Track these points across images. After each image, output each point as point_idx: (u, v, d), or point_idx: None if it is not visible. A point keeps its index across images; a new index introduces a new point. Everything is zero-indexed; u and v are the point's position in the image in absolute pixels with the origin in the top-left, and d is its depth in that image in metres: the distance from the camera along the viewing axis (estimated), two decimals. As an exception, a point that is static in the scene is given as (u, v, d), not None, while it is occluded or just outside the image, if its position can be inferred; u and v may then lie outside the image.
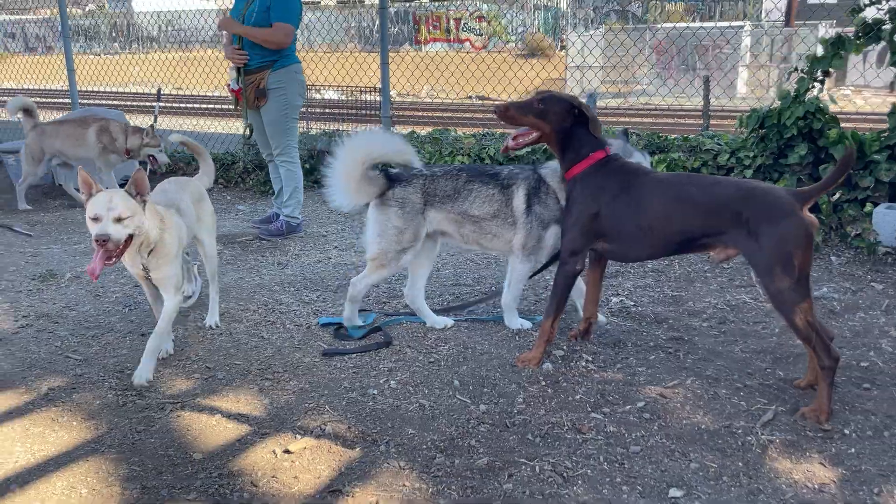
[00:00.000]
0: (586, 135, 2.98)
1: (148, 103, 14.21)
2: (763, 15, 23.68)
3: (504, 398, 2.88)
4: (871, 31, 4.91)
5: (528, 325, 3.53)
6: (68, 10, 9.24)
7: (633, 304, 3.85)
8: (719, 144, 5.43)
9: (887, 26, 4.83)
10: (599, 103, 18.19)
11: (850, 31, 5.02)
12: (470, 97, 19.28)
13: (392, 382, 3.03)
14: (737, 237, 2.70)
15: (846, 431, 2.59)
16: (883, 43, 4.87)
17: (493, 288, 4.09)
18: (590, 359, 3.19)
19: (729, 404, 2.80)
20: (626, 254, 3.09)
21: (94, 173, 6.44)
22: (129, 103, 14.55)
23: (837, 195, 4.84)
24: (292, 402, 2.90)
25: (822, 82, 5.05)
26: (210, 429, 2.69)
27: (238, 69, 5.01)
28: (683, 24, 23.26)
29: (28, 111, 6.36)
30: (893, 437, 2.55)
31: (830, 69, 5.01)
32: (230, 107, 6.37)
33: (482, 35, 29.74)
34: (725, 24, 21.90)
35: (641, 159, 3.32)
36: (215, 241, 3.76)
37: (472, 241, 3.46)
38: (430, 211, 3.41)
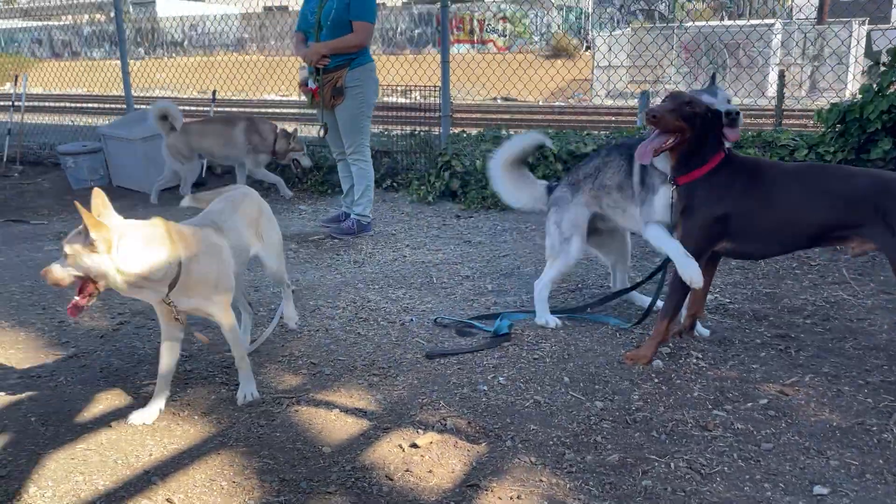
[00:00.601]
0: (713, 137, 2.90)
1: (186, 107, 14.44)
2: (794, 12, 23.35)
3: (619, 395, 2.84)
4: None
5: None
6: (93, 16, 9.35)
7: (728, 301, 3.79)
8: (795, 140, 5.34)
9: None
10: (627, 103, 18.12)
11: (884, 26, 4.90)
12: (496, 99, 19.26)
13: (500, 378, 3.00)
14: (874, 231, 2.64)
15: None
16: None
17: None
18: (699, 356, 3.14)
19: (855, 401, 2.73)
20: (752, 251, 3.00)
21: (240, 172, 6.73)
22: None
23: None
24: (405, 397, 2.88)
25: (906, 75, 4.95)
26: (331, 423, 2.68)
27: (315, 69, 5.01)
28: (713, 23, 23.06)
29: (165, 116, 6.50)
30: None
31: (914, 62, 4.90)
32: (273, 110, 6.40)
33: (506, 36, 29.73)
34: (756, 21, 21.63)
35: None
36: (284, 262, 3.35)
37: (614, 216, 3.49)
38: (578, 196, 3.55)
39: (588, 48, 25.10)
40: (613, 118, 14.09)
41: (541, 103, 17.97)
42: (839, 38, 18.27)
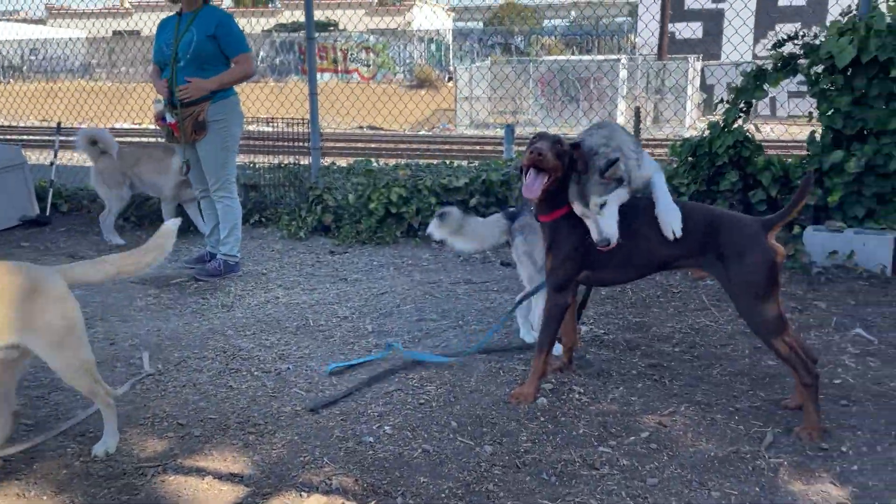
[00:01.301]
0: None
1: (25, 136, 13.32)
2: (637, 48, 25.09)
3: (507, 437, 2.81)
4: (788, 65, 5.25)
5: None
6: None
7: (603, 332, 3.88)
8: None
9: (803, 61, 5.18)
10: (489, 132, 18.70)
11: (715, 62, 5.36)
12: (362, 127, 19.30)
13: (387, 428, 2.89)
14: (709, 263, 2.91)
15: (843, 449, 2.68)
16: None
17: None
18: (581, 391, 3.17)
19: (728, 429, 2.85)
20: (610, 279, 3.18)
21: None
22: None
23: (768, 219, 5.10)
24: (284, 456, 2.70)
25: (746, 112, 5.35)
26: (203, 493, 2.46)
27: (171, 102, 4.73)
28: (564, 58, 24.36)
29: (95, 142, 6.04)
30: (886, 451, 2.66)
31: (754, 99, 5.32)
32: (125, 139, 6.00)
33: (370, 66, 29.98)
34: (602, 57, 23.03)
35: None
36: (77, 356, 2.56)
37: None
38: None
39: (450, 79, 25.71)
40: (478, 147, 14.43)
41: (406, 132, 18.14)
42: (678, 73, 19.81)
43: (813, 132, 5.28)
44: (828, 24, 5.12)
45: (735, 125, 5.29)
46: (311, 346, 3.75)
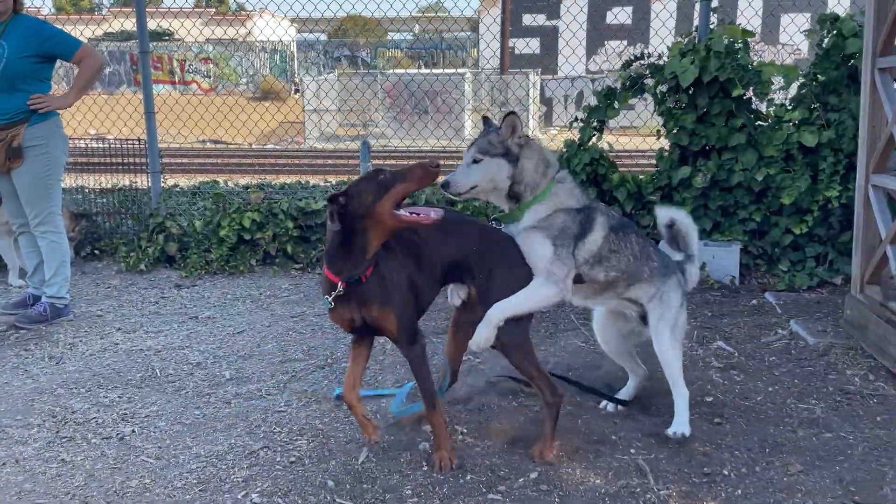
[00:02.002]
0: None
1: None
2: (482, 63, 25.76)
3: (390, 493, 2.58)
4: (636, 84, 5.43)
5: None
6: None
7: (478, 360, 3.75)
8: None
9: (649, 80, 5.37)
10: (340, 146, 18.42)
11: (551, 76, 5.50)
12: (204, 142, 18.34)
13: (254, 496, 2.57)
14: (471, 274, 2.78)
15: (725, 472, 2.69)
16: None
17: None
18: (464, 430, 3.01)
19: (614, 460, 2.78)
20: (424, 303, 2.85)
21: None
22: None
23: (625, 234, 5.23)
24: (134, 544, 2.32)
25: (600, 130, 5.47)
26: None
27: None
28: (411, 71, 24.57)
29: None
30: (764, 470, 2.70)
31: (606, 118, 5.45)
32: None
33: (210, 77, 28.73)
34: (448, 71, 23.44)
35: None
36: None
37: None
38: None
39: (297, 91, 25.14)
40: (330, 161, 14.08)
41: (253, 146, 17.40)
42: (519, 87, 20.52)
43: (661, 148, 5.49)
44: (669, 45, 5.35)
45: (590, 143, 5.39)
46: (159, 402, 3.33)
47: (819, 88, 5.11)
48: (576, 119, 5.58)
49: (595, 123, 5.48)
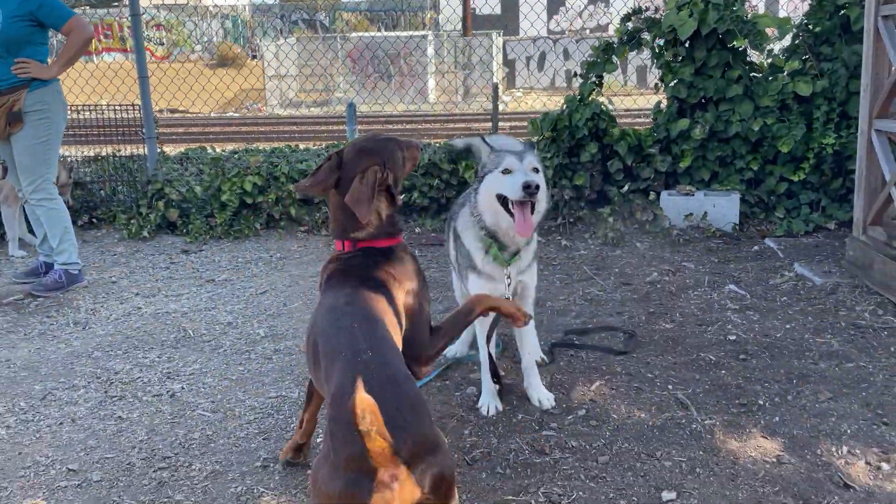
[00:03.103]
0: None
1: None
2: (442, 25, 25.50)
3: (450, 434, 2.68)
4: (633, 39, 5.51)
5: None
6: None
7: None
8: (514, 147, 5.68)
9: (646, 34, 5.45)
10: (303, 111, 18.20)
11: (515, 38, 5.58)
12: (161, 111, 17.95)
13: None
14: None
15: (760, 402, 2.85)
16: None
17: None
18: (503, 374, 3.12)
19: (654, 395, 2.92)
20: None
21: None
22: None
23: (626, 187, 5.36)
24: (211, 490, 2.39)
25: (599, 85, 5.55)
26: (130, 551, 2.11)
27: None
28: (371, 34, 24.21)
29: None
30: (796, 399, 2.87)
31: (605, 72, 5.53)
32: None
33: (163, 44, 27.97)
34: (409, 34, 23.15)
35: None
36: None
37: None
38: None
39: (254, 57, 24.63)
40: (295, 127, 13.91)
41: (212, 115, 17.08)
42: (482, 49, 20.40)
43: (658, 102, 5.60)
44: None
45: (591, 98, 5.47)
46: (200, 360, 3.38)
47: (812, 39, 5.25)
48: (575, 74, 5.65)
49: (594, 78, 5.56)
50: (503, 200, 2.62)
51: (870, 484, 2.33)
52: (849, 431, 2.62)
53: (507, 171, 2.61)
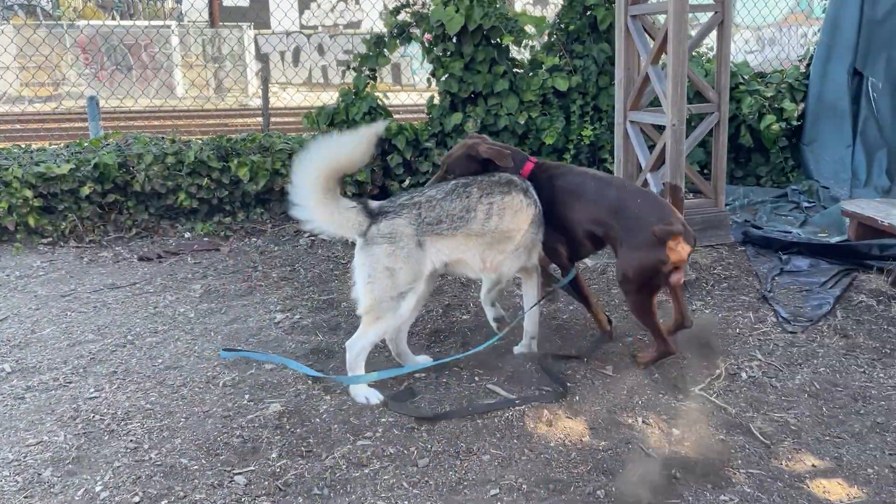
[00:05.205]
0: None
1: None
2: (184, 15, 24.10)
3: (254, 457, 2.43)
4: (402, 32, 5.51)
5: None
6: None
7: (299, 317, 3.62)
8: (287, 143, 5.42)
9: (415, 29, 5.48)
10: (26, 108, 16.14)
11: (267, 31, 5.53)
12: None
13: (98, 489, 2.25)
14: None
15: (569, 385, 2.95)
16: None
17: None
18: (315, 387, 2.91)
19: (461, 388, 2.90)
20: None
21: None
22: None
23: (407, 181, 5.36)
24: None
25: (373, 79, 5.48)
26: None
27: None
28: (103, 22, 22.15)
29: None
30: (589, 377, 3.01)
31: (378, 66, 5.47)
32: None
33: None
34: (147, 23, 21.59)
35: None
36: None
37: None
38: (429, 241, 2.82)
39: (-46, 44, 21.32)
40: (15, 125, 12.30)
41: None
42: (232, 41, 19.57)
43: (432, 97, 5.67)
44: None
45: (366, 92, 5.38)
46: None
47: (565, 37, 5.64)
48: (348, 67, 5.53)
49: (367, 72, 5.48)
50: None
51: (666, 450, 2.49)
52: (640, 403, 2.80)
53: None
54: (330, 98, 6.50)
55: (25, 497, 2.23)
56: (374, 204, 2.87)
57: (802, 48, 9.31)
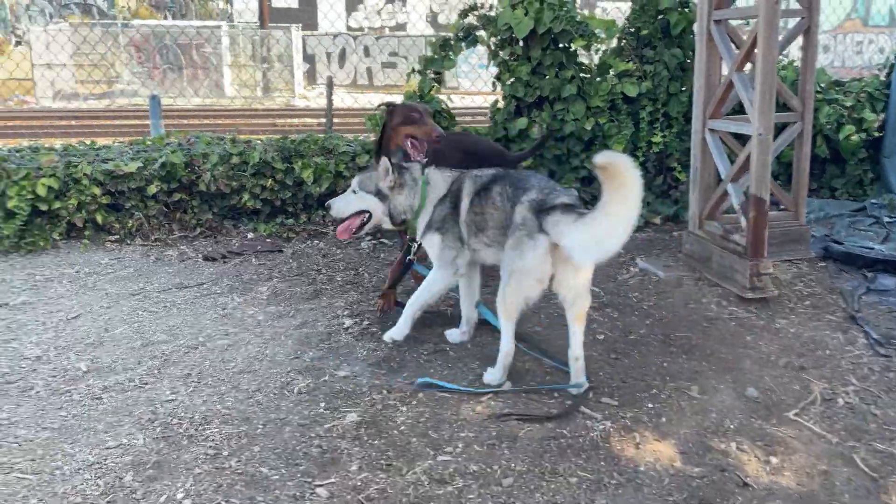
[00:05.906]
0: None
1: None
2: (235, 16, 24.38)
3: (334, 469, 2.36)
4: (469, 36, 5.43)
5: None
6: None
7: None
8: (350, 146, 5.38)
9: (482, 32, 5.39)
10: (80, 105, 16.41)
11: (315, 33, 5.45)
12: None
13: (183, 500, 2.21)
14: None
15: (648, 405, 2.83)
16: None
17: None
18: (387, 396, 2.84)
19: (542, 404, 2.80)
20: None
21: None
22: None
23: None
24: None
25: (438, 82, 5.41)
26: None
27: None
28: (157, 22, 22.51)
29: None
30: (673, 397, 2.89)
31: (443, 69, 5.40)
32: None
33: None
34: (200, 23, 21.88)
35: None
36: None
37: None
38: None
39: (18, 43, 21.92)
40: (73, 122, 12.48)
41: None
42: (282, 42, 19.72)
43: (496, 101, 5.57)
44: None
45: (430, 94, 5.31)
46: (6, 407, 2.74)
47: (635, 42, 5.49)
48: (413, 70, 5.47)
49: (433, 75, 5.42)
50: None
51: (765, 480, 2.36)
52: (732, 427, 2.67)
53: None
54: (373, 100, 6.44)
55: (108, 502, 2.20)
56: None
57: (857, 55, 8.97)
